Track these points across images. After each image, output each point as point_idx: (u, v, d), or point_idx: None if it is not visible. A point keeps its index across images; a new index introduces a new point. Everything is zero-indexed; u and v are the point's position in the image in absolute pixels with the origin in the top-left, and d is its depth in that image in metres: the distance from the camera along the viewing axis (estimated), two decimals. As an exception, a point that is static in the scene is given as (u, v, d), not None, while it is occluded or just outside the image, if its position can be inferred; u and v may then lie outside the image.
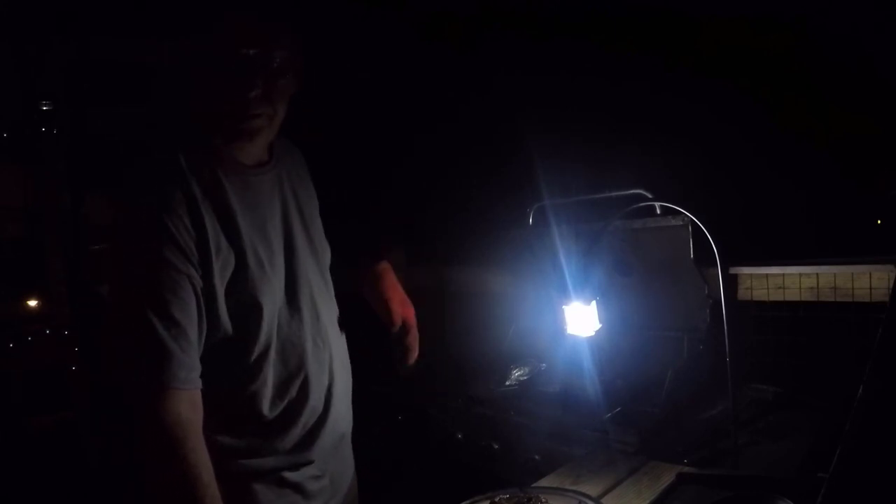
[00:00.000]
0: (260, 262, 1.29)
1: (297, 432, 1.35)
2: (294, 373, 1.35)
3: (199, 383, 1.18)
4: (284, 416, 1.33)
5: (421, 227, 3.16)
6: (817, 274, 1.98)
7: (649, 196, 2.03)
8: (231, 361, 1.27)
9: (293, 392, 1.35)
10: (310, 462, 1.38)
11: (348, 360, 1.54)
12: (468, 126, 2.98)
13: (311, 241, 1.45)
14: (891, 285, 1.81)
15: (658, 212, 2.14)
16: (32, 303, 3.09)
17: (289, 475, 1.35)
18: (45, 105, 3.01)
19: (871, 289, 1.88)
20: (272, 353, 1.31)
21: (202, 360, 1.21)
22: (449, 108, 3.01)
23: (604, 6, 2.46)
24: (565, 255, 2.02)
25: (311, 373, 1.38)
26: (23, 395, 2.99)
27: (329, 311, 1.48)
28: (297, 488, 1.37)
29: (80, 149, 3.14)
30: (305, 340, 1.37)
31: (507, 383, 2.27)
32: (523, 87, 2.79)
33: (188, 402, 1.15)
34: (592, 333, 1.72)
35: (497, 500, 1.44)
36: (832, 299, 1.95)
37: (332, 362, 1.44)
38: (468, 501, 1.46)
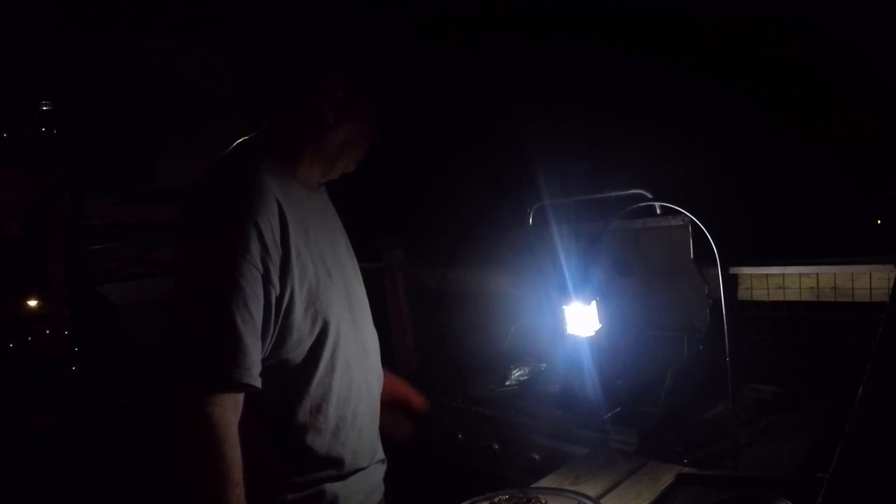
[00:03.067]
0: (329, 274, 1.32)
1: (351, 443, 1.36)
2: (351, 385, 1.37)
3: (260, 382, 1.18)
4: (339, 428, 1.34)
5: (421, 227, 3.16)
6: (817, 274, 1.98)
7: (649, 196, 2.03)
8: (301, 372, 1.28)
9: (352, 404, 1.36)
10: (362, 468, 1.40)
11: (381, 371, 1.55)
12: (468, 126, 2.99)
13: (352, 259, 1.50)
14: (891, 285, 1.81)
15: (658, 212, 2.14)
16: (32, 303, 3.09)
17: (337, 486, 1.35)
18: (45, 105, 3.01)
19: (871, 289, 1.87)
20: (337, 373, 1.33)
21: (273, 371, 1.22)
22: (449, 107, 3.01)
23: (604, 6, 2.46)
24: (565, 255, 2.01)
25: (364, 385, 1.40)
26: (22, 395, 2.99)
27: (372, 328, 1.51)
28: (349, 499, 1.37)
29: (80, 149, 3.14)
30: (360, 354, 1.40)
31: (507, 383, 2.27)
32: (523, 87, 2.79)
33: (240, 400, 1.16)
34: (592, 333, 1.72)
35: (497, 500, 1.44)
36: (832, 299, 1.95)
37: (377, 372, 1.49)
38: (468, 501, 1.46)
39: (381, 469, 1.51)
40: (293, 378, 1.28)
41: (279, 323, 1.22)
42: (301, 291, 1.25)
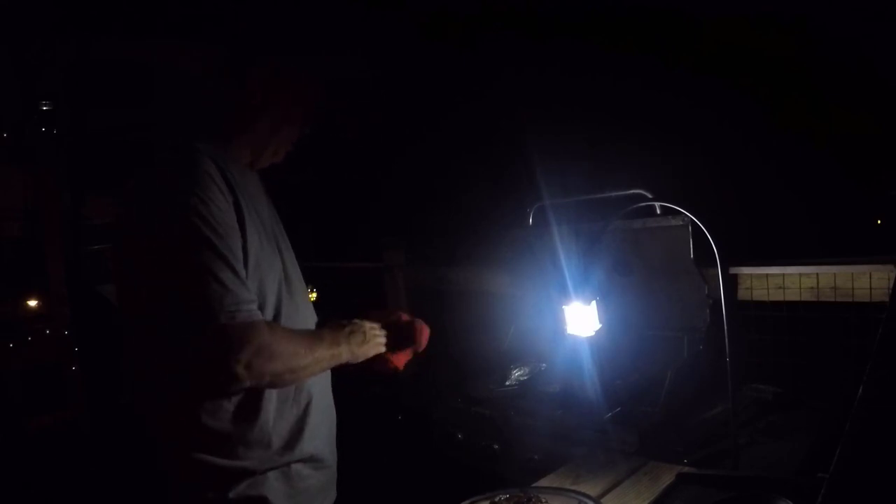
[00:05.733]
0: (268, 243, 1.37)
1: (296, 422, 1.35)
2: None
3: (260, 315, 1.23)
4: (282, 404, 1.34)
5: (421, 227, 3.16)
6: (817, 274, 1.98)
7: (649, 196, 2.03)
8: None
9: (295, 390, 1.36)
10: (313, 451, 1.39)
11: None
12: (468, 126, 2.99)
13: (285, 238, 1.52)
14: (891, 285, 1.81)
15: (658, 212, 2.14)
16: (32, 303, 3.09)
17: (298, 467, 1.35)
18: (45, 105, 3.01)
19: (871, 289, 1.87)
20: None
21: None
22: (449, 107, 3.01)
23: (604, 6, 2.46)
24: (565, 255, 2.02)
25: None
26: (22, 395, 2.99)
27: (310, 305, 1.53)
28: (304, 478, 1.37)
29: (80, 149, 3.14)
30: (299, 323, 1.40)
31: (507, 383, 2.27)
32: (523, 87, 2.79)
33: (251, 337, 1.18)
34: (592, 333, 1.72)
35: (497, 500, 1.44)
36: (832, 299, 1.95)
37: None
38: (468, 501, 1.46)
39: (328, 473, 1.48)
40: None
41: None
42: (249, 252, 1.27)
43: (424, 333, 1.59)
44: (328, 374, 1.50)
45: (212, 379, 1.21)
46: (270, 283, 1.33)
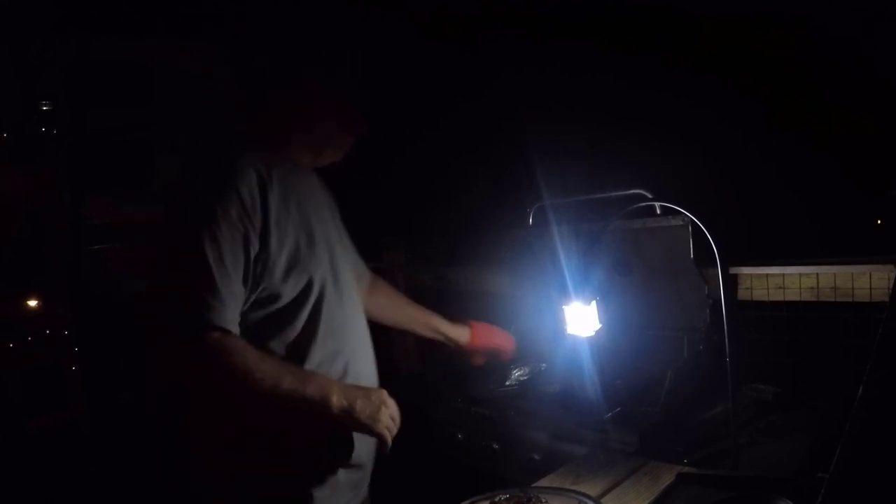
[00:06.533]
0: (313, 240, 1.43)
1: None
2: (339, 352, 1.44)
3: (235, 328, 1.28)
4: None
5: (421, 226, 3.16)
6: (817, 274, 1.98)
7: (649, 196, 2.03)
8: (281, 331, 1.37)
9: (335, 373, 1.42)
10: (350, 447, 1.44)
11: (373, 356, 1.61)
12: (468, 126, 2.99)
13: (340, 235, 1.61)
14: (891, 285, 1.81)
15: (658, 212, 2.13)
16: (32, 303, 3.09)
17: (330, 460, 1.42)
18: (45, 105, 3.02)
19: (871, 289, 1.87)
20: (321, 328, 1.40)
21: (257, 330, 1.33)
22: (449, 107, 3.01)
23: (604, 6, 2.46)
24: (565, 255, 2.01)
25: (353, 355, 1.47)
26: (22, 395, 2.99)
27: (360, 304, 1.61)
28: (335, 473, 1.42)
29: (80, 149, 3.14)
30: (346, 323, 1.48)
31: (507, 383, 2.27)
32: (523, 87, 2.79)
33: (221, 341, 1.25)
34: (592, 333, 1.71)
35: (497, 500, 1.44)
36: (832, 299, 1.95)
37: (367, 349, 1.55)
38: (468, 501, 1.46)
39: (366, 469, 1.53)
40: (277, 338, 1.37)
41: (260, 280, 1.33)
42: (281, 253, 1.35)
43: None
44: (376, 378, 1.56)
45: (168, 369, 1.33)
46: (307, 279, 1.39)
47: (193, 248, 1.25)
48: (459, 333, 1.92)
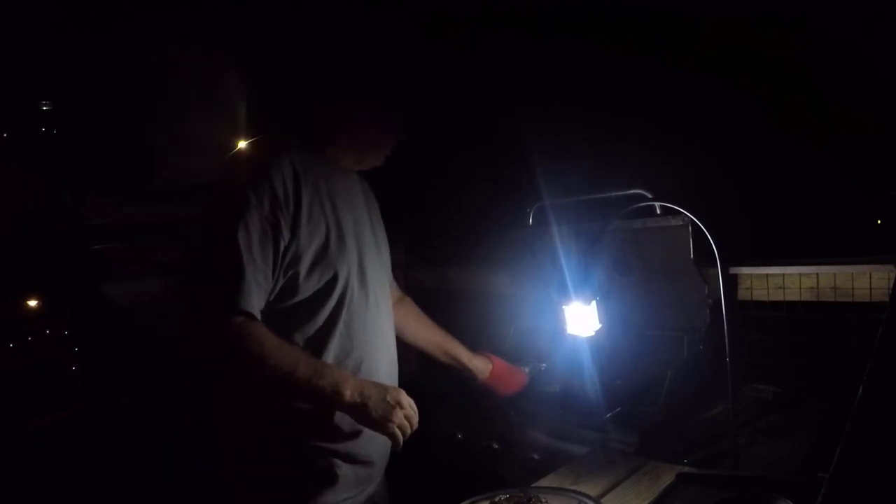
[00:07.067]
0: (342, 238, 1.46)
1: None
2: (353, 349, 1.46)
3: (258, 313, 1.33)
4: None
5: (421, 227, 3.16)
6: (817, 274, 1.98)
7: (649, 196, 2.03)
8: (302, 324, 1.41)
9: (349, 369, 1.44)
10: (358, 445, 1.47)
11: (396, 357, 1.65)
12: (468, 126, 2.98)
13: (375, 238, 1.63)
14: (891, 285, 1.81)
15: (658, 212, 2.14)
16: (32, 303, 3.09)
17: (342, 453, 1.45)
18: (45, 105, 3.01)
19: (871, 289, 1.87)
20: (340, 324, 1.44)
21: (279, 320, 1.38)
22: (449, 107, 3.01)
23: (604, 6, 2.46)
24: (565, 255, 2.02)
25: (368, 354, 1.49)
26: (22, 395, 2.99)
27: (387, 305, 1.63)
28: (345, 470, 1.46)
29: (80, 149, 3.13)
30: (367, 322, 1.50)
31: (507, 383, 2.26)
32: (523, 87, 2.78)
33: (245, 327, 1.29)
34: (592, 333, 1.72)
35: (497, 499, 1.44)
36: (832, 299, 1.95)
37: (387, 350, 1.58)
38: (468, 501, 1.46)
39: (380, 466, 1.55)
40: (298, 330, 1.41)
41: (287, 271, 1.37)
42: (310, 247, 1.39)
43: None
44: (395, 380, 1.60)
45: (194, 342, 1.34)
46: (332, 274, 1.43)
47: (226, 235, 1.30)
48: (480, 368, 1.93)
